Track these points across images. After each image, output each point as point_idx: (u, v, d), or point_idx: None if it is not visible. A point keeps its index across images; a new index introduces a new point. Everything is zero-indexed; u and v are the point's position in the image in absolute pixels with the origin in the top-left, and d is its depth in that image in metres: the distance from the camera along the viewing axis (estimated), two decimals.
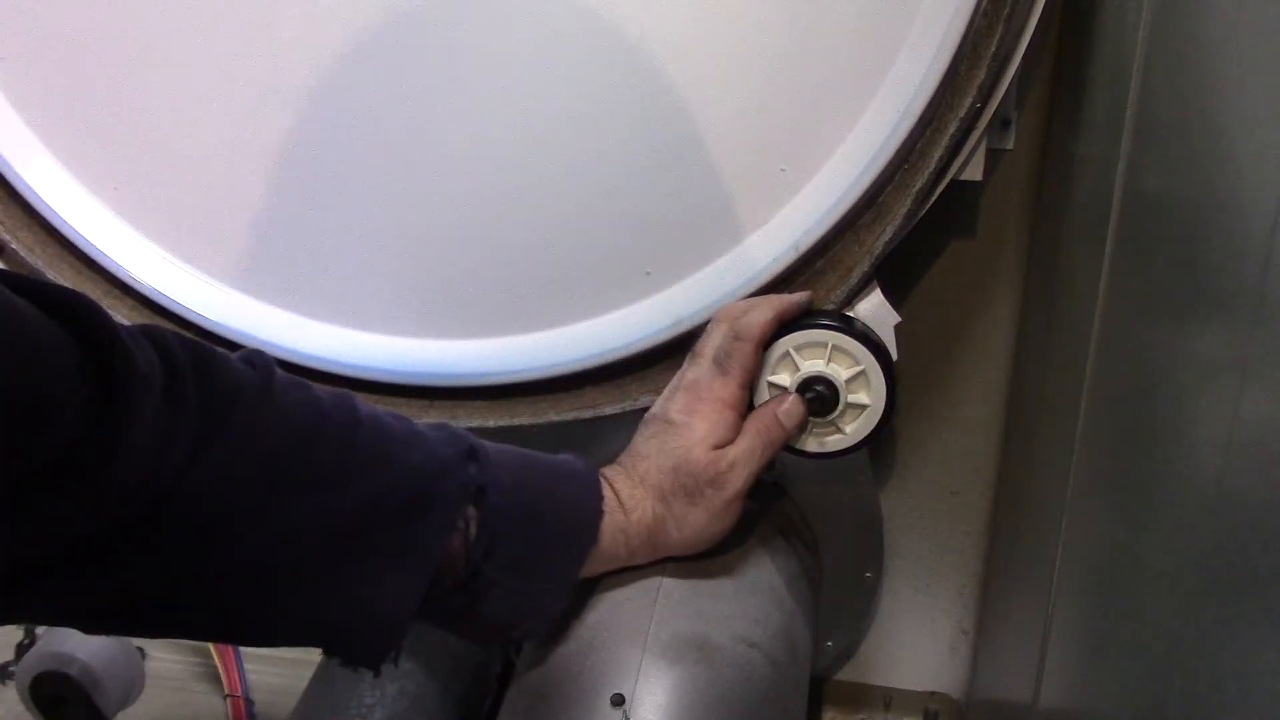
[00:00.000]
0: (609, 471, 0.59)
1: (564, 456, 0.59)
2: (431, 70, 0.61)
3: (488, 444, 0.55)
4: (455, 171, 0.64)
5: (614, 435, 0.65)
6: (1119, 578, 0.47)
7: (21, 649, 0.86)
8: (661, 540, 0.59)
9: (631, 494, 0.58)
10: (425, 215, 0.65)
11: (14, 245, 0.69)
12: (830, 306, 0.62)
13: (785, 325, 0.61)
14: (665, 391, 0.62)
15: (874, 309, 0.62)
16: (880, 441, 0.65)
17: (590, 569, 0.57)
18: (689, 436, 0.58)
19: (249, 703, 0.87)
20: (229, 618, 0.49)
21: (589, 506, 0.56)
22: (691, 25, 0.59)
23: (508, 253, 0.66)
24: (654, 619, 0.57)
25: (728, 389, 0.59)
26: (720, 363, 0.59)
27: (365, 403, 0.53)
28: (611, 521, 0.57)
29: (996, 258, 0.75)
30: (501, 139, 0.63)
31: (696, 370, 0.60)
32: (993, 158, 0.70)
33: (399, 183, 0.65)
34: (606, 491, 0.57)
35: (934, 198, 0.61)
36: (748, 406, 0.61)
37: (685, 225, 0.63)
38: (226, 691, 0.87)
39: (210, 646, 0.87)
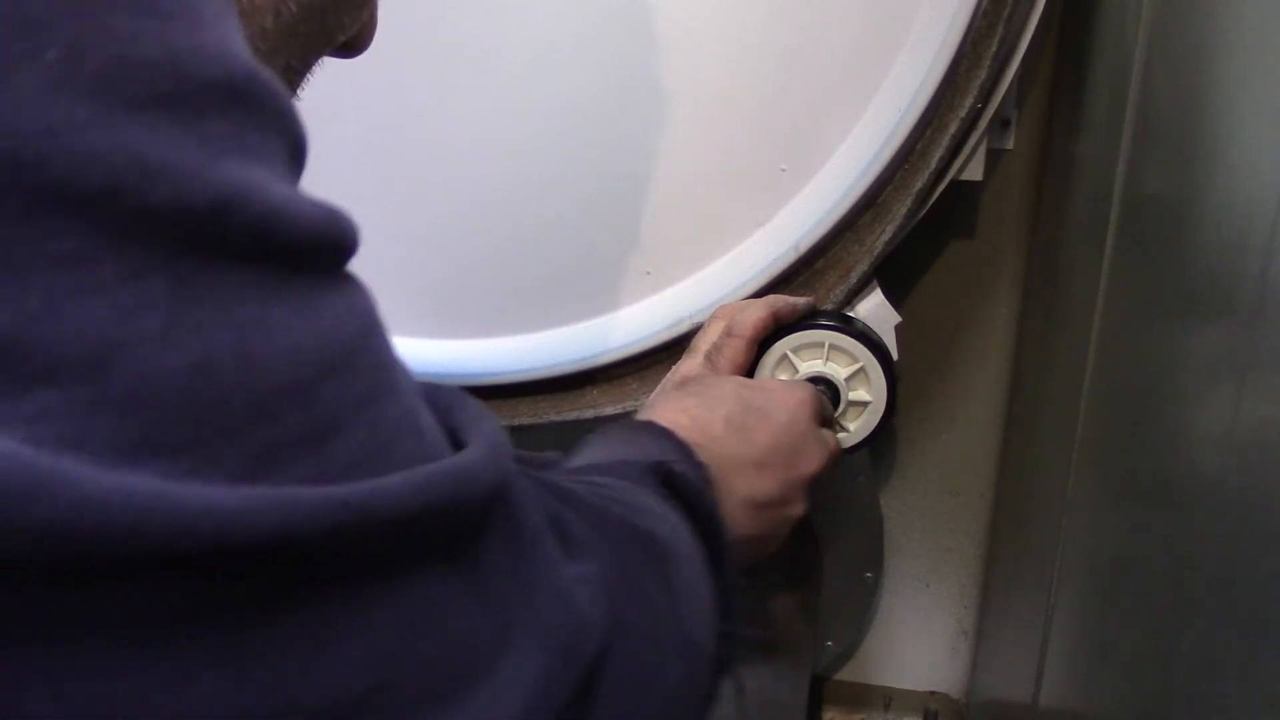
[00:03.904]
0: None
1: (545, 454, 0.59)
2: (429, 70, 0.61)
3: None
4: (455, 172, 0.64)
5: None
6: (1119, 578, 0.47)
7: None
8: None
9: None
10: (425, 215, 0.65)
11: None
12: (830, 306, 0.62)
13: (785, 328, 0.61)
14: (659, 387, 0.62)
15: (874, 309, 0.62)
16: (880, 441, 0.65)
17: None
18: None
19: None
20: None
21: None
22: (692, 26, 0.59)
23: (508, 253, 0.66)
24: None
25: None
26: (711, 357, 0.59)
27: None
28: None
29: (996, 258, 0.75)
30: (501, 139, 0.63)
31: (688, 365, 0.60)
32: (993, 158, 0.70)
33: (398, 183, 0.65)
34: None
35: (934, 198, 0.61)
36: None
37: (685, 225, 0.63)
38: None
39: None
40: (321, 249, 0.22)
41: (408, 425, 0.24)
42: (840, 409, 0.61)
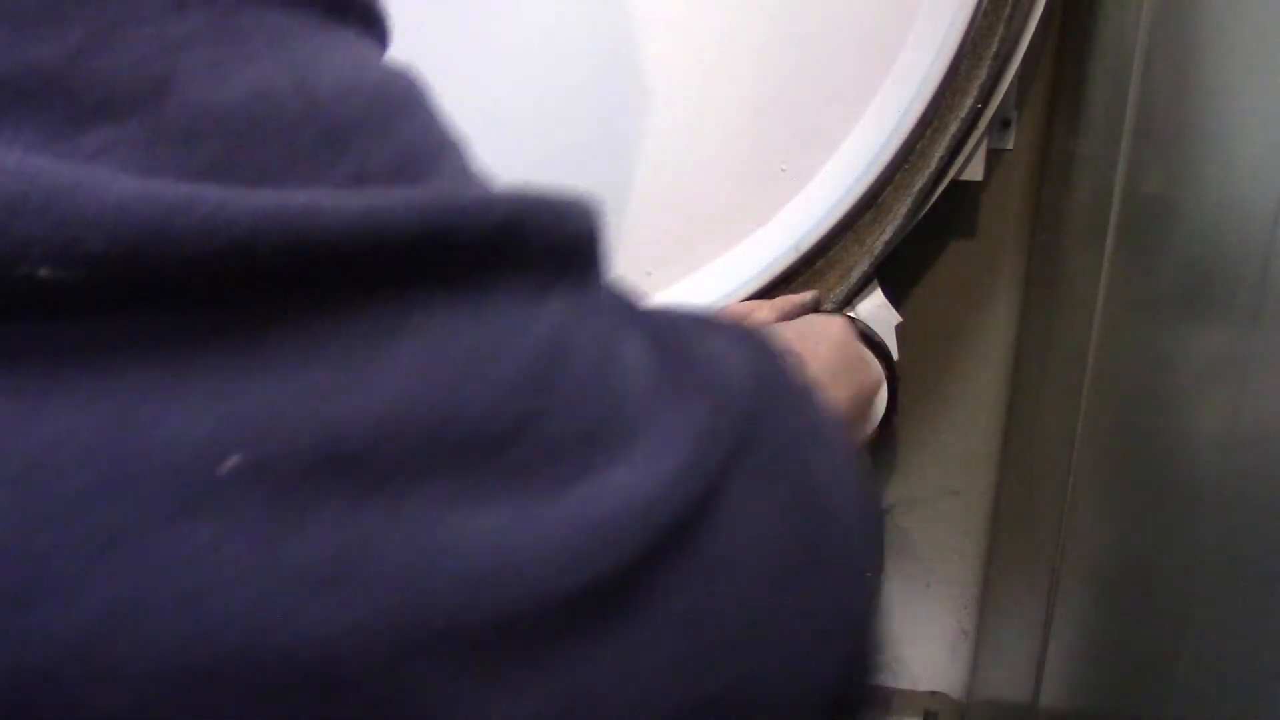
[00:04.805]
0: None
1: None
2: (426, 67, 0.61)
3: None
4: None
5: None
6: (1119, 578, 0.47)
7: None
8: None
9: None
10: None
11: None
12: (830, 307, 0.62)
13: None
14: None
15: (875, 309, 0.62)
16: (880, 441, 0.65)
17: None
18: None
19: None
20: None
21: None
22: (692, 26, 0.59)
23: None
24: None
25: None
26: None
27: None
28: None
29: (996, 258, 0.75)
30: (499, 140, 0.63)
31: None
32: (993, 158, 0.70)
33: None
34: None
35: (934, 198, 0.61)
36: None
37: (685, 225, 0.63)
38: None
39: None
40: (355, 6, 0.21)
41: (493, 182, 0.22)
42: None
